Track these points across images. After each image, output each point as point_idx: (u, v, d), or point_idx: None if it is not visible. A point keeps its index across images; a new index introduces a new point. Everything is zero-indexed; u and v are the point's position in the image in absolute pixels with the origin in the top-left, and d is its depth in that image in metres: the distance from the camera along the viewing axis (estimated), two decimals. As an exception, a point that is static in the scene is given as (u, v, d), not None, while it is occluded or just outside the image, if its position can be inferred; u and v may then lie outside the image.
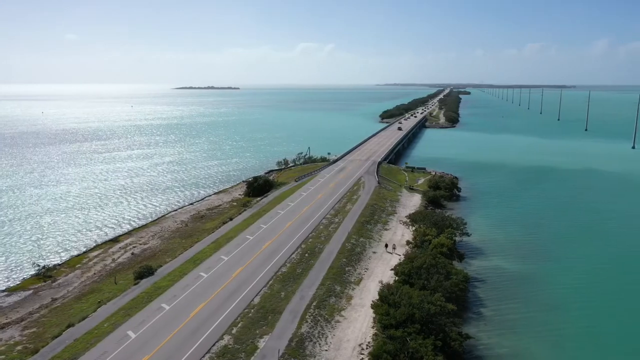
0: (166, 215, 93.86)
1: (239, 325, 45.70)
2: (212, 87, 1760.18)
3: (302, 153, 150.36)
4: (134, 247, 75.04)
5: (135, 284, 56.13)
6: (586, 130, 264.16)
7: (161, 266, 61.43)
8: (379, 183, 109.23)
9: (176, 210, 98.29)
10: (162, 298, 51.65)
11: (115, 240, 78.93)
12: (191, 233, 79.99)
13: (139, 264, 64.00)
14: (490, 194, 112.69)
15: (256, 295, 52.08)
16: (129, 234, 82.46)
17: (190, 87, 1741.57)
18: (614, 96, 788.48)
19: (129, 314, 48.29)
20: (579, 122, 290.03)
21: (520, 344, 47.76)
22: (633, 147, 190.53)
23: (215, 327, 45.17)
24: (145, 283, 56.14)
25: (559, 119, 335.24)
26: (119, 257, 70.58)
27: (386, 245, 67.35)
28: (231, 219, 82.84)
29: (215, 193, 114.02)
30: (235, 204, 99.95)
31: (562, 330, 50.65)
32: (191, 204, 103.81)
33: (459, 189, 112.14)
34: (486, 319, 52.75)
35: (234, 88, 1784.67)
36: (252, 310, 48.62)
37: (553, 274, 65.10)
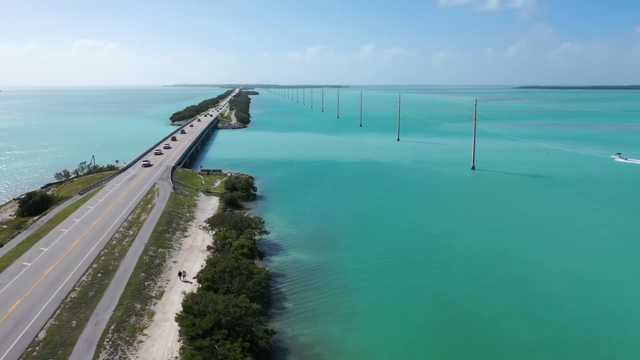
0: None
1: (21, 368, 39.88)
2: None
3: (85, 162, 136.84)
4: None
5: None
6: (361, 126, 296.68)
7: None
8: (174, 189, 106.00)
9: None
10: None
11: None
12: (-53, 268, 66.42)
13: None
14: (284, 190, 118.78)
15: (41, 329, 46.00)
16: None
17: None
18: (381, 95, 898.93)
19: None
20: (354, 119, 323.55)
21: (321, 329, 51.81)
22: (398, 140, 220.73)
23: (-10, 376, 38.67)
24: None
25: (338, 117, 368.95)
26: None
27: (179, 274, 61.31)
28: (1, 246, 71.43)
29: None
30: (5, 226, 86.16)
31: (353, 308, 56.52)
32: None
33: (255, 188, 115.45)
34: (289, 311, 55.77)
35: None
36: (38, 348, 42.86)
37: (342, 260, 71.81)
